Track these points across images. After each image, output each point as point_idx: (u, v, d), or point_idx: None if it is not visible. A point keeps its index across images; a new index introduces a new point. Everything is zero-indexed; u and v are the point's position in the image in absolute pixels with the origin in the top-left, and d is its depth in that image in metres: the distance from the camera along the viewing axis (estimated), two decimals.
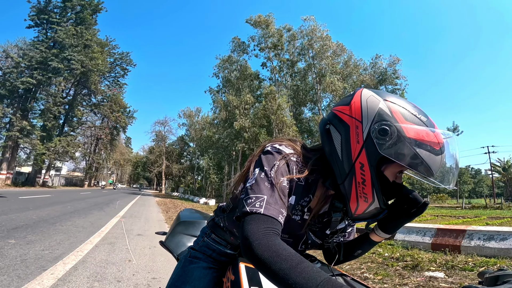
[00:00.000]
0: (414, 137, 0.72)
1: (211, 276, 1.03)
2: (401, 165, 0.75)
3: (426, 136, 0.72)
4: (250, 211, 0.73)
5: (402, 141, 0.72)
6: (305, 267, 0.59)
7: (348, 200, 0.82)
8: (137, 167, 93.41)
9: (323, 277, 0.56)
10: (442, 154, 0.74)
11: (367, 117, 0.77)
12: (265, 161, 0.81)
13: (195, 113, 53.10)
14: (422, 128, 0.73)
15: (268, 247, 0.65)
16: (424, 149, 0.72)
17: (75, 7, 37.38)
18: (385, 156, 0.74)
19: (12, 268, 3.51)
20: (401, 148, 0.72)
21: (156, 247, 5.28)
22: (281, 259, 0.61)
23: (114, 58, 46.89)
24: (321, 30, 30.68)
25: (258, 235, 0.68)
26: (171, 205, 18.93)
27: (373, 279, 3.79)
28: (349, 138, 0.78)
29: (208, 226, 1.13)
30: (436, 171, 0.74)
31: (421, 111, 0.78)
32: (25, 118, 34.35)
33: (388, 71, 30.23)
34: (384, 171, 0.78)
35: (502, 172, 52.35)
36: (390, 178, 0.80)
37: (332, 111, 0.86)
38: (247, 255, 0.67)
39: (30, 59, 33.72)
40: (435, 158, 0.72)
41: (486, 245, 4.82)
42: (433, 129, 0.74)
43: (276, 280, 0.61)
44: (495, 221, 12.94)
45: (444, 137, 0.75)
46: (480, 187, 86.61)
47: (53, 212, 9.36)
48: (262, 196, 0.75)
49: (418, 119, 0.75)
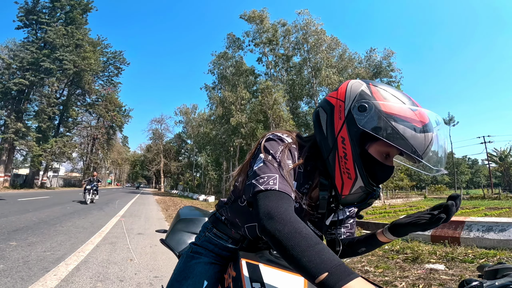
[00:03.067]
0: (391, 112, 0.76)
1: (212, 271, 1.03)
2: (386, 144, 0.78)
3: (404, 113, 0.75)
4: (265, 189, 0.74)
5: (379, 115, 0.76)
6: (322, 248, 0.60)
7: (333, 177, 0.85)
8: (135, 166, 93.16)
9: (338, 262, 0.57)
10: (426, 133, 0.75)
11: (349, 97, 0.82)
12: (269, 146, 0.85)
13: (191, 110, 52.87)
14: (401, 106, 0.77)
15: (289, 222, 0.65)
16: (402, 124, 0.74)
17: (64, 7, 36.84)
18: (366, 133, 0.78)
19: (15, 270, 3.52)
20: (378, 122, 0.76)
21: (157, 245, 5.29)
22: (300, 236, 0.62)
23: (107, 57, 46.46)
24: (315, 24, 30.52)
25: (278, 209, 0.69)
26: (171, 203, 18.93)
27: (374, 272, 3.82)
28: (333, 116, 0.84)
29: (210, 221, 1.14)
30: (420, 149, 0.75)
31: (406, 95, 0.82)
32: (19, 120, 34.01)
33: (383, 64, 30.22)
34: (369, 150, 0.81)
35: (499, 162, 52.72)
36: (378, 157, 0.82)
37: (323, 98, 0.92)
38: (266, 229, 0.67)
39: (21, 60, 33.30)
40: (416, 135, 0.74)
41: (485, 236, 4.86)
42: (414, 108, 0.77)
43: (290, 256, 0.61)
44: (494, 212, 13.06)
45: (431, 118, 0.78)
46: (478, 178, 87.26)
47: (52, 213, 9.35)
48: (274, 175, 0.77)
49: (399, 100, 0.79)
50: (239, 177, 0.99)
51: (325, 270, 0.55)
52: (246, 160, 0.95)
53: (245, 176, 0.93)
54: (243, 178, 0.95)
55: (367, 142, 0.81)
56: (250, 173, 0.83)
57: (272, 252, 0.94)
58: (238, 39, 33.44)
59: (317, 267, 0.56)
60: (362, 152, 0.81)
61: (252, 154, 0.91)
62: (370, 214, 13.54)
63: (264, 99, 26.84)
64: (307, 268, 0.58)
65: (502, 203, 21.26)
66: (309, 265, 0.57)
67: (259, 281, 0.83)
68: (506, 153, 52.80)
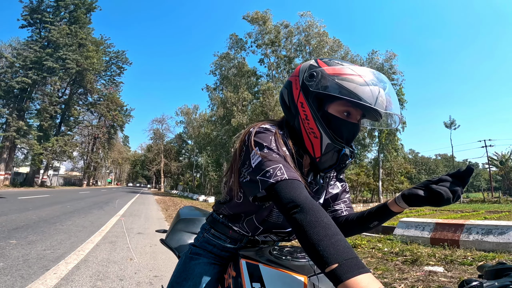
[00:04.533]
0: (334, 73, 0.88)
1: (212, 272, 1.04)
2: (341, 102, 0.89)
3: (345, 71, 0.88)
4: (275, 181, 0.76)
5: (325, 78, 0.89)
6: (339, 239, 0.62)
7: (303, 141, 0.94)
8: (135, 166, 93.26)
9: (352, 255, 0.58)
10: (370, 86, 0.85)
11: (302, 71, 0.97)
12: (260, 139, 0.87)
13: (192, 110, 52.98)
14: (341, 67, 0.90)
15: (312, 210, 0.68)
16: (345, 80, 0.86)
17: (69, 6, 37.04)
18: (320, 95, 0.90)
19: (15, 269, 3.53)
20: (325, 83, 0.89)
21: (157, 245, 5.29)
22: (320, 225, 0.64)
23: (109, 56, 46.67)
24: (318, 26, 30.59)
25: (299, 198, 0.71)
26: (171, 203, 18.93)
27: (373, 274, 3.82)
28: (292, 89, 0.98)
29: (208, 222, 1.15)
30: (370, 100, 0.84)
31: (348, 62, 0.95)
32: (21, 118, 34.13)
33: (384, 67, 30.24)
34: (329, 110, 0.91)
35: (500, 166, 52.61)
36: (340, 116, 0.91)
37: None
38: (292, 218, 0.69)
39: (25, 59, 33.46)
40: (360, 87, 0.85)
41: (485, 239, 4.86)
42: (352, 66, 0.90)
43: (308, 243, 0.64)
44: (493, 215, 13.03)
45: (374, 75, 0.89)
46: (478, 181, 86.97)
47: (52, 212, 9.36)
48: (277, 165, 0.79)
49: (340, 63, 0.93)
50: (230, 178, 0.99)
51: (336, 261, 0.57)
52: (233, 158, 0.96)
53: (237, 175, 0.92)
54: (235, 178, 0.94)
55: (325, 104, 0.91)
56: (249, 170, 0.83)
57: (272, 252, 0.95)
58: (240, 40, 33.47)
59: (329, 257, 0.58)
60: (324, 114, 0.91)
61: (240, 152, 0.92)
62: None
63: (265, 101, 26.89)
64: (320, 256, 0.60)
65: (502, 206, 21.22)
66: (323, 254, 0.59)
67: (259, 281, 0.83)
68: (506, 157, 52.68)
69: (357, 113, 0.92)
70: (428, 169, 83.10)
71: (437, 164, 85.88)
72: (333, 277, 0.56)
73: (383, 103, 0.86)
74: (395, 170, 34.78)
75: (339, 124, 0.91)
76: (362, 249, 5.26)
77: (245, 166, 0.86)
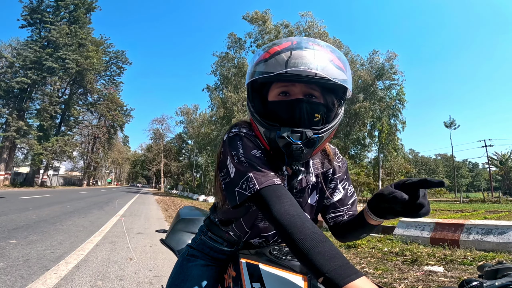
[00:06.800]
0: (253, 64, 0.88)
1: (209, 273, 1.04)
2: (275, 87, 0.86)
3: (259, 57, 0.86)
4: (250, 193, 0.74)
5: (248, 74, 0.89)
6: (326, 247, 0.61)
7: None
8: (135, 166, 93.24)
9: (343, 261, 0.58)
10: (276, 55, 0.81)
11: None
12: (230, 147, 0.84)
13: (192, 110, 52.87)
14: (258, 55, 0.88)
15: (293, 224, 0.66)
16: (257, 64, 0.85)
17: (68, 6, 37.04)
18: (256, 88, 0.90)
19: (15, 268, 3.53)
20: (249, 76, 0.87)
21: (157, 245, 5.30)
22: (304, 236, 0.63)
23: (109, 56, 46.68)
24: (318, 26, 30.61)
25: (280, 212, 0.69)
26: (171, 203, 18.94)
27: (373, 274, 3.82)
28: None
29: (205, 225, 1.14)
30: (277, 68, 0.80)
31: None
32: (21, 118, 34.16)
33: (385, 67, 30.17)
34: (270, 98, 0.87)
35: (499, 166, 52.65)
36: (281, 99, 0.85)
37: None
38: (282, 237, 0.68)
39: (24, 59, 33.47)
40: (269, 61, 0.82)
41: (485, 239, 4.86)
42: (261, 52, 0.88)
43: (297, 257, 0.64)
44: (493, 215, 13.02)
45: (286, 45, 0.85)
46: (478, 181, 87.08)
47: (53, 212, 9.37)
48: (247, 174, 0.77)
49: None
50: (216, 184, 0.97)
51: (327, 270, 0.57)
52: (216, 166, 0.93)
53: (219, 183, 0.89)
54: (219, 185, 0.92)
55: (263, 96, 0.89)
56: (226, 180, 0.83)
57: (272, 252, 0.95)
58: (239, 39, 33.44)
59: (321, 267, 0.58)
60: (268, 104, 0.87)
61: (219, 159, 0.89)
62: None
63: None
64: (311, 268, 0.60)
65: (502, 206, 21.20)
66: (314, 264, 0.59)
67: (259, 281, 0.83)
68: (506, 157, 52.71)
69: (295, 89, 0.84)
70: (428, 169, 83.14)
71: (437, 164, 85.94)
72: (329, 285, 0.56)
73: (297, 62, 0.78)
74: (395, 170, 34.70)
75: (274, 107, 0.86)
76: (362, 249, 5.26)
77: (223, 175, 0.85)
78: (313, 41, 0.84)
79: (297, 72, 0.78)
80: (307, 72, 0.77)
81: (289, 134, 0.79)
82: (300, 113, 0.82)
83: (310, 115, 0.83)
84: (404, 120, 28.71)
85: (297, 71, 0.78)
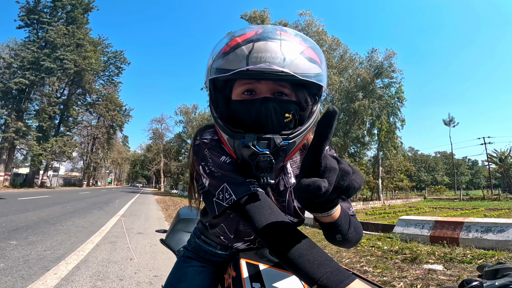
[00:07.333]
0: (211, 59, 0.77)
1: (206, 273, 1.03)
2: (237, 85, 0.77)
3: (217, 53, 0.75)
4: (228, 204, 0.72)
5: (207, 70, 0.77)
6: (314, 255, 0.59)
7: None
8: (135, 166, 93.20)
9: (333, 267, 0.57)
10: (236, 49, 0.71)
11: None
12: (199, 159, 0.81)
13: (192, 110, 52.82)
14: (216, 52, 0.77)
15: (274, 238, 0.64)
16: (217, 60, 0.74)
17: (66, 7, 36.97)
18: (217, 90, 0.79)
19: (15, 269, 3.53)
20: (208, 72, 0.76)
21: (157, 245, 5.29)
22: (289, 245, 0.61)
23: (107, 57, 46.53)
24: (317, 24, 30.55)
25: (259, 224, 0.67)
26: (171, 203, 18.92)
27: (373, 272, 3.83)
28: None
29: (198, 228, 1.13)
30: (236, 65, 0.69)
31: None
32: (20, 119, 34.10)
33: (384, 65, 30.14)
34: (234, 98, 0.77)
35: (499, 163, 52.64)
36: (247, 97, 0.75)
37: None
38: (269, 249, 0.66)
39: (22, 60, 33.40)
40: (226, 57, 0.72)
41: (484, 237, 4.87)
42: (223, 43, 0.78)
43: (287, 266, 0.62)
44: (493, 213, 13.05)
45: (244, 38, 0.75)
46: (477, 179, 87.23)
47: (52, 213, 9.36)
48: (222, 185, 0.74)
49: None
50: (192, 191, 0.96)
51: (319, 277, 0.56)
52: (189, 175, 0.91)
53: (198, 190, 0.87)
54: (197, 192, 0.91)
55: (227, 95, 0.79)
56: (203, 190, 0.81)
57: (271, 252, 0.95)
58: None
59: (312, 275, 0.57)
60: (231, 104, 0.77)
61: (192, 168, 0.86)
62: (370, 214, 13.53)
63: None
64: (303, 276, 0.59)
65: (502, 204, 21.24)
66: (305, 272, 0.58)
67: (259, 281, 0.83)
68: (506, 154, 52.73)
69: (261, 86, 0.75)
70: (428, 167, 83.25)
71: (436, 162, 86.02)
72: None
73: (259, 57, 0.68)
74: (395, 168, 34.79)
75: (237, 108, 0.76)
76: (361, 248, 5.27)
77: (200, 184, 0.83)
78: (280, 29, 0.74)
79: (259, 69, 0.68)
80: (272, 69, 0.67)
81: (254, 143, 0.70)
82: (267, 115, 0.73)
83: (280, 115, 0.73)
84: (403, 118, 28.73)
85: (259, 68, 0.67)
